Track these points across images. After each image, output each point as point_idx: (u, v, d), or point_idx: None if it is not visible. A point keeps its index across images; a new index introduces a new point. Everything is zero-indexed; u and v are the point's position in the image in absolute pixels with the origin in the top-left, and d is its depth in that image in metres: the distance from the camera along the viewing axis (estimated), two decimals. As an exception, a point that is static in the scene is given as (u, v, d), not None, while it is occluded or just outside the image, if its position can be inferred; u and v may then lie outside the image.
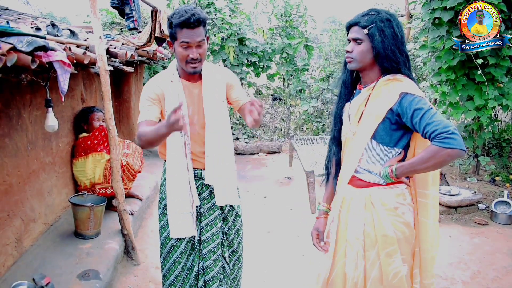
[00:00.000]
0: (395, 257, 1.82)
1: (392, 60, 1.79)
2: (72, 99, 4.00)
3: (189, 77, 2.29)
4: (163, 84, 2.25)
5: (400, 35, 1.80)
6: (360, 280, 1.86)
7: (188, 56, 2.13)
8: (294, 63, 8.61)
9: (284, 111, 9.54)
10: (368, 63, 1.83)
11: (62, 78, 2.48)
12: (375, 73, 1.86)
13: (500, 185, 5.68)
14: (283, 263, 3.59)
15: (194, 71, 2.20)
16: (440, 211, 4.68)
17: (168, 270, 2.47)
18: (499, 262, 3.67)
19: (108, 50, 3.69)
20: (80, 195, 3.59)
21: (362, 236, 1.86)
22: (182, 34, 2.09)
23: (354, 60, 1.84)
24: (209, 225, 2.42)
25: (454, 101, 5.07)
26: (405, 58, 1.82)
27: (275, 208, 5.02)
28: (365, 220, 1.86)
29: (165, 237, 2.46)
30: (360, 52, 1.81)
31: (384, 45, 1.77)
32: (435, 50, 5.20)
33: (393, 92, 1.76)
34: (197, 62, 2.17)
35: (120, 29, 8.39)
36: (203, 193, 2.40)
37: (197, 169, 2.37)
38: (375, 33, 1.77)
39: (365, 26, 1.79)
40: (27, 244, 3.09)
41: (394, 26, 1.78)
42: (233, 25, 8.00)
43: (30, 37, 2.16)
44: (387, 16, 1.79)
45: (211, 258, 2.43)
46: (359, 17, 1.83)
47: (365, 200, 1.87)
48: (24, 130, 3.07)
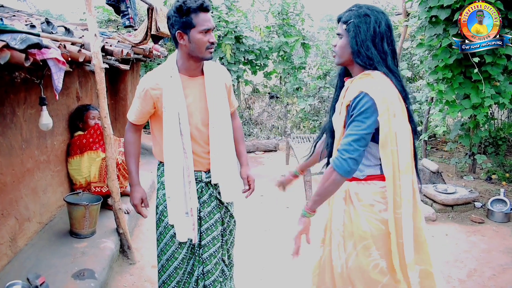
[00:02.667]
0: (371, 251, 1.85)
1: (364, 56, 1.78)
2: (67, 97, 3.98)
3: (190, 73, 2.21)
4: (161, 80, 2.16)
5: (380, 30, 1.78)
6: (342, 268, 1.91)
7: (207, 41, 2.09)
8: (291, 61, 8.59)
9: (281, 109, 9.53)
10: (348, 58, 1.85)
11: (57, 76, 2.46)
12: (357, 69, 1.86)
13: (497, 183, 5.70)
14: (279, 262, 3.58)
15: (211, 56, 2.16)
16: (437, 209, 4.69)
17: (168, 277, 2.39)
18: (496, 260, 3.68)
19: (104, 47, 3.67)
20: (76, 193, 3.57)
21: (342, 228, 1.91)
22: (200, 19, 2.05)
23: (336, 55, 1.89)
24: (209, 229, 2.38)
25: (451, 99, 5.07)
26: (385, 53, 1.80)
27: (271, 206, 5.01)
28: (345, 213, 1.91)
29: (165, 244, 2.37)
30: (340, 47, 1.86)
31: (356, 41, 1.78)
32: (432, 49, 5.19)
33: (356, 89, 1.78)
34: (214, 46, 2.15)
35: (116, 26, 8.36)
36: (203, 197, 2.34)
37: (197, 172, 2.30)
38: (350, 28, 1.79)
39: (344, 22, 1.83)
40: (21, 243, 3.07)
41: (372, 21, 1.77)
42: (230, 23, 7.97)
43: (24, 35, 2.13)
44: (366, 11, 1.79)
45: (212, 262, 2.39)
46: (343, 13, 1.86)
47: (345, 194, 1.92)
48: (18, 129, 3.05)
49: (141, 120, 2.31)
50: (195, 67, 2.21)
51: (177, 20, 2.07)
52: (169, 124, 2.16)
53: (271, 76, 9.04)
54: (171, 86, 2.14)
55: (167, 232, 2.35)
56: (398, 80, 1.81)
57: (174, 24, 2.09)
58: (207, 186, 2.34)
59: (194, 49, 2.11)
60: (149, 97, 2.18)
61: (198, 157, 2.27)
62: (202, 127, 2.25)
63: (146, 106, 2.21)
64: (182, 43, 2.11)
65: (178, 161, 2.19)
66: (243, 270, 3.36)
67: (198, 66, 2.22)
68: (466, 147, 6.13)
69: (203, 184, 2.33)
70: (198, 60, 2.17)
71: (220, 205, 2.42)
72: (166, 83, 2.15)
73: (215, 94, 2.25)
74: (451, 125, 7.18)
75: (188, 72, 2.21)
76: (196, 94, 2.23)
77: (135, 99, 2.26)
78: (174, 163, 2.20)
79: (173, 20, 2.08)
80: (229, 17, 8.08)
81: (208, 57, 2.15)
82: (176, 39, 2.12)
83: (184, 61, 2.18)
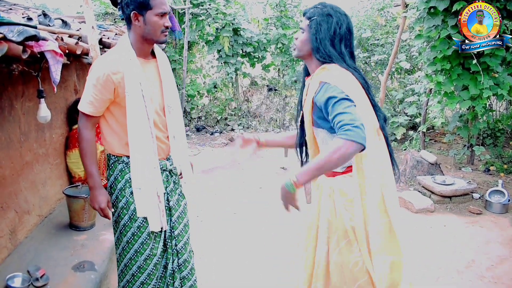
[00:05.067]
0: (353, 248, 1.85)
1: (323, 53, 1.84)
2: (65, 90, 3.97)
3: (144, 55, 2.14)
4: (121, 63, 2.05)
5: (340, 32, 1.84)
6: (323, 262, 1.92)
7: (163, 25, 2.06)
8: (289, 54, 8.58)
9: (279, 102, 9.52)
10: (306, 53, 1.91)
11: (54, 69, 2.44)
12: (315, 64, 1.90)
13: (495, 174, 5.72)
14: (278, 252, 3.59)
15: (166, 39, 2.13)
16: (435, 200, 4.70)
17: (138, 268, 2.22)
18: (494, 251, 3.70)
19: (101, 40, 3.64)
20: (75, 186, 3.57)
21: (326, 223, 1.92)
22: (157, 2, 2.01)
23: (296, 48, 1.94)
24: (180, 217, 2.30)
25: (449, 90, 5.07)
26: (341, 54, 1.84)
27: (270, 198, 5.02)
28: (329, 208, 1.92)
29: (135, 251, 2.19)
30: (300, 41, 1.91)
31: (316, 38, 1.84)
32: (430, 40, 5.18)
33: (316, 82, 1.82)
34: (168, 30, 2.11)
35: (114, 19, 8.32)
36: (169, 185, 2.25)
37: (161, 160, 2.20)
38: (312, 25, 1.85)
39: (308, 18, 1.88)
40: (21, 236, 3.07)
41: (333, 22, 1.83)
42: (227, 15, 7.95)
43: (21, 27, 2.11)
44: (330, 11, 1.85)
45: (186, 250, 2.32)
46: (308, 8, 1.91)
47: (330, 189, 1.93)
48: (16, 122, 3.04)
49: (100, 111, 2.12)
50: (148, 50, 2.17)
51: (133, 0, 2.02)
52: (134, 109, 2.06)
53: (269, 69, 9.03)
54: (132, 69, 2.05)
55: (141, 233, 2.19)
56: (359, 73, 1.84)
57: (130, 4, 2.03)
58: (170, 174, 2.26)
59: (149, 32, 2.05)
60: (110, 83, 2.04)
61: (160, 143, 2.19)
62: (160, 112, 2.20)
63: (107, 93, 2.06)
64: (136, 24, 2.05)
65: (147, 148, 2.11)
66: (240, 267, 3.38)
67: (150, 49, 2.19)
68: (465, 138, 6.13)
69: (167, 172, 2.24)
70: (151, 43, 2.13)
71: (181, 191, 2.37)
72: (127, 67, 2.05)
73: (168, 78, 2.23)
74: (449, 116, 7.18)
75: (142, 55, 2.14)
76: (151, 78, 2.17)
77: (89, 87, 2.07)
78: (143, 151, 2.10)
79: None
80: (227, 9, 8.05)
81: (163, 40, 2.11)
82: (130, 19, 2.06)
83: (138, 44, 2.11)
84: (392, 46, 8.04)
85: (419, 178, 5.07)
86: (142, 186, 2.13)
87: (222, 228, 4.13)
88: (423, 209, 4.52)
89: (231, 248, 3.70)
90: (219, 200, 4.89)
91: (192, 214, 4.37)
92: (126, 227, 2.20)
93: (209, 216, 4.43)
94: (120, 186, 2.19)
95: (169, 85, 2.24)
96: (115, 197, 2.21)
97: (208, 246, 3.69)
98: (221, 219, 4.37)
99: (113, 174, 2.20)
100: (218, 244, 3.77)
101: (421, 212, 4.49)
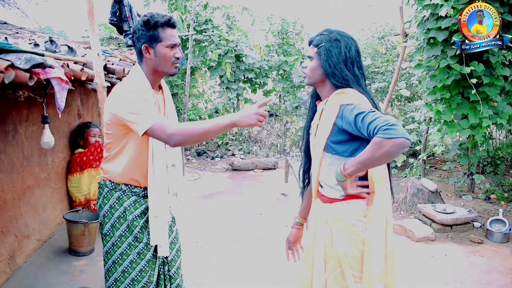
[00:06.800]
0: (347, 273, 1.85)
1: (339, 77, 1.87)
2: (69, 114, 4.00)
3: (155, 87, 2.18)
4: (144, 93, 2.04)
5: (350, 55, 1.88)
6: None
7: (173, 56, 2.10)
8: (290, 80, 8.67)
9: (280, 128, 9.57)
10: (319, 79, 1.94)
11: (60, 95, 2.48)
12: (328, 89, 1.94)
13: (495, 203, 5.70)
14: (278, 280, 3.56)
15: (176, 71, 2.17)
16: (436, 229, 4.68)
17: None
18: (495, 281, 3.66)
19: (106, 66, 3.71)
20: (75, 211, 3.57)
21: (323, 250, 1.91)
22: (167, 34, 2.06)
23: (306, 76, 1.97)
24: (173, 243, 2.32)
25: (449, 119, 5.10)
26: (356, 76, 1.89)
27: (271, 225, 5.00)
28: (326, 235, 1.91)
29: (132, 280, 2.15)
30: (310, 69, 1.94)
31: (329, 64, 1.87)
32: (430, 69, 5.25)
33: (335, 106, 1.84)
34: (179, 62, 2.16)
35: (118, 44, 8.44)
36: None
37: None
38: (322, 52, 1.89)
39: (315, 45, 1.92)
40: (20, 261, 3.06)
41: (342, 46, 1.88)
42: (230, 42, 8.07)
43: (28, 54, 2.16)
44: (337, 36, 1.89)
45: (179, 275, 2.35)
46: (314, 36, 1.95)
47: (326, 216, 1.93)
48: (19, 146, 3.07)
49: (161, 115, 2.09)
50: (158, 82, 2.22)
51: (144, 34, 2.06)
52: (157, 140, 2.07)
53: (271, 95, 9.09)
54: (152, 100, 2.06)
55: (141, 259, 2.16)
56: (371, 99, 1.89)
57: (140, 38, 2.08)
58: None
59: (159, 63, 2.09)
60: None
61: None
62: None
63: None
64: (147, 57, 2.10)
65: (163, 177, 2.14)
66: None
67: (160, 81, 2.23)
68: (465, 166, 6.14)
69: None
70: (162, 75, 2.16)
71: (173, 217, 2.38)
72: (149, 97, 2.05)
73: (172, 109, 2.29)
74: (449, 144, 7.20)
75: (154, 87, 2.18)
76: (161, 109, 2.22)
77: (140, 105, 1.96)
78: (161, 180, 2.13)
79: (140, 33, 2.08)
80: (230, 36, 8.18)
81: (174, 72, 2.15)
82: (141, 52, 2.10)
83: (150, 76, 2.15)
84: (392, 74, 8.13)
85: (420, 206, 5.06)
86: (159, 214, 2.13)
87: (221, 255, 4.10)
88: (424, 237, 4.50)
89: (230, 275, 3.67)
90: (219, 226, 4.87)
91: (191, 239, 4.37)
92: (123, 255, 2.15)
93: (209, 242, 4.40)
94: (117, 214, 2.14)
95: (173, 116, 2.29)
96: (110, 226, 2.15)
97: (207, 272, 3.66)
98: (220, 245, 4.34)
99: (108, 203, 2.15)
100: (217, 271, 3.74)
101: (422, 241, 4.47)
